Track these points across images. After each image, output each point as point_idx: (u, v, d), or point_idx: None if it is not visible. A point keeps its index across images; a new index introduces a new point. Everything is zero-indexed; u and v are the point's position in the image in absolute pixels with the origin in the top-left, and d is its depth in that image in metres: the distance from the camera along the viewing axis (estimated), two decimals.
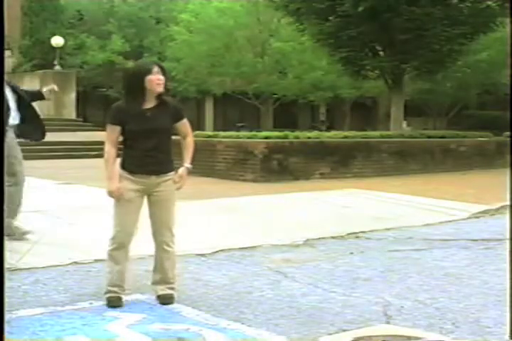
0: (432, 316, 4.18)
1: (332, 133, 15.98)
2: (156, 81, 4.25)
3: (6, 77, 6.12)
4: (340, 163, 13.03)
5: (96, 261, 5.61)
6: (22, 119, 6.58)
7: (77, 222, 7.46)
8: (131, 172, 4.35)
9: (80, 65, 31.65)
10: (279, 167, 12.15)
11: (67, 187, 10.54)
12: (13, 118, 6.52)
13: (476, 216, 8.72)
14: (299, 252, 6.30)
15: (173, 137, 4.49)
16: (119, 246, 4.39)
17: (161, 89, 4.29)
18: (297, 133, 14.11)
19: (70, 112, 25.02)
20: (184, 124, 4.53)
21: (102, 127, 30.93)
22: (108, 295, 4.37)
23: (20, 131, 6.58)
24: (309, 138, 13.32)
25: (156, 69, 4.29)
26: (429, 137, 15.64)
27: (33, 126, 6.73)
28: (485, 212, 8.93)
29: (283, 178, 11.96)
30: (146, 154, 4.33)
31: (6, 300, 2.88)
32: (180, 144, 4.54)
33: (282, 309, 4.30)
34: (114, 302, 4.32)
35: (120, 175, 4.35)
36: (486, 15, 16.58)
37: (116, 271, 4.39)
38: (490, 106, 34.85)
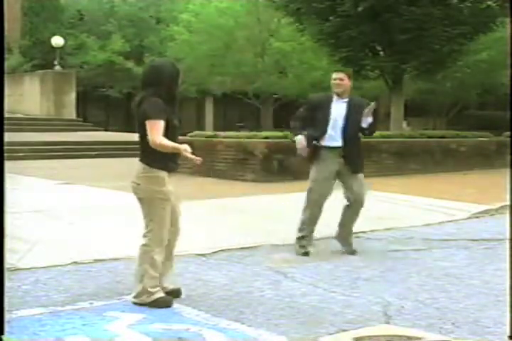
0: (432, 316, 4.18)
1: None
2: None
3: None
4: None
5: (96, 261, 5.62)
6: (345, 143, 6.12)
7: (76, 221, 7.46)
8: (171, 170, 4.35)
9: (80, 65, 31.66)
10: (279, 167, 12.15)
11: (67, 187, 10.54)
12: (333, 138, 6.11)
13: (476, 216, 8.71)
14: None
15: (181, 138, 4.48)
16: (164, 244, 4.36)
17: None
18: None
19: (70, 112, 25.02)
20: None
21: (102, 127, 30.62)
22: (160, 295, 4.31)
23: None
24: None
25: None
26: (429, 137, 15.63)
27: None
28: (485, 212, 8.93)
29: (283, 178, 11.96)
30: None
31: (6, 300, 2.88)
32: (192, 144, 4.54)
33: (282, 309, 4.30)
34: (171, 302, 4.32)
35: (161, 177, 4.28)
36: (486, 15, 16.58)
37: (158, 272, 4.34)
38: (490, 106, 34.88)
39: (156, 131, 4.16)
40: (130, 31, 34.82)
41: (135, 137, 4.43)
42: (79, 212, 8.11)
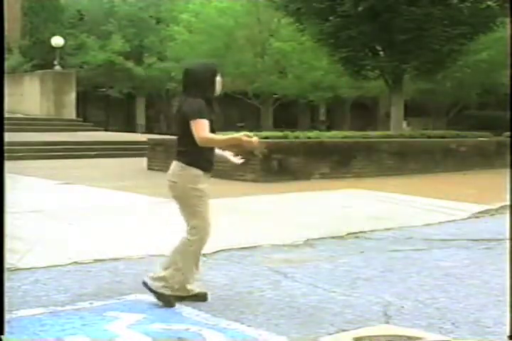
0: (432, 316, 4.18)
1: (332, 133, 15.98)
2: (221, 83, 4.41)
3: None
4: (340, 163, 13.03)
5: (96, 261, 5.61)
6: None
7: (76, 221, 7.46)
8: (206, 170, 4.41)
9: (80, 65, 31.67)
10: (279, 167, 12.15)
11: (67, 187, 10.54)
12: None
13: (476, 216, 8.71)
14: (299, 252, 6.29)
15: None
16: (205, 242, 4.41)
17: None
18: (297, 133, 14.11)
19: (70, 112, 25.02)
20: None
21: (102, 127, 30.59)
22: (169, 293, 4.30)
23: None
24: (309, 138, 13.32)
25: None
26: (429, 137, 15.64)
27: None
28: (485, 212, 8.93)
29: (283, 178, 11.96)
30: (213, 151, 4.47)
31: (6, 300, 2.88)
32: None
33: (282, 309, 4.30)
34: (174, 304, 4.32)
35: (197, 175, 4.36)
36: (486, 15, 16.59)
37: (191, 268, 4.38)
38: (490, 106, 34.90)
39: (202, 128, 4.21)
40: (130, 31, 34.84)
41: (135, 137, 4.43)
42: (79, 212, 8.11)
